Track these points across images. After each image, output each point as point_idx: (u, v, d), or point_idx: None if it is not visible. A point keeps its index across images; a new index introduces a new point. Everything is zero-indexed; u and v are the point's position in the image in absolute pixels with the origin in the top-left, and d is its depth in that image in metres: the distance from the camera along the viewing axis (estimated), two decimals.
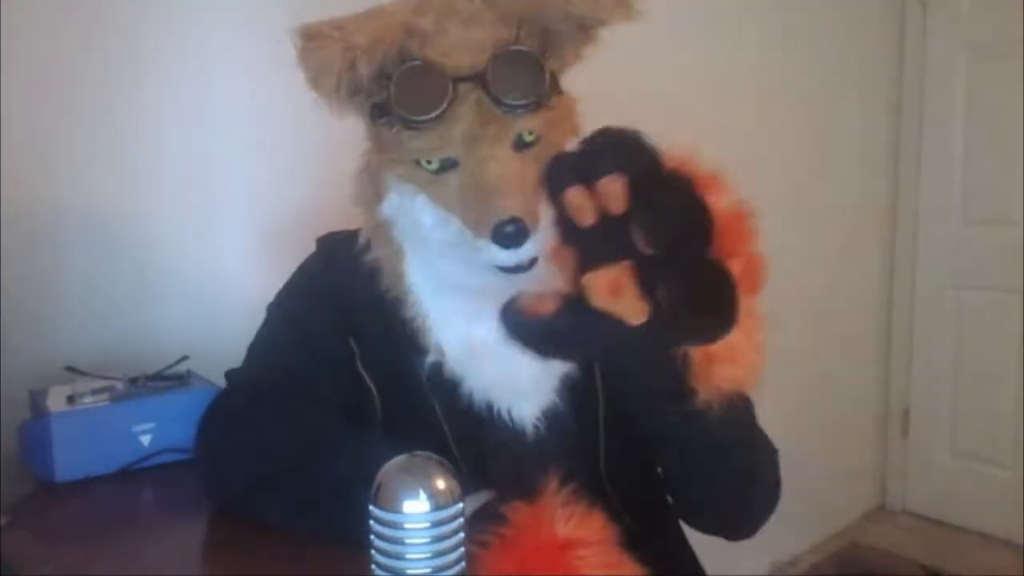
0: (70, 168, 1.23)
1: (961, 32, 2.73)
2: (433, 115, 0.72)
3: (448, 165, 0.76)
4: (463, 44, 0.73)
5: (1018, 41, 2.56)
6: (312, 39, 0.73)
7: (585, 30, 0.77)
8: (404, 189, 0.79)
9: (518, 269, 0.75)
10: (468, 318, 0.83)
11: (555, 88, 0.77)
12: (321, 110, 0.77)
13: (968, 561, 2.64)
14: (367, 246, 0.86)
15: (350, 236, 0.89)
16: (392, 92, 0.73)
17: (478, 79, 0.72)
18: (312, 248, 0.96)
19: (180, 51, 1.32)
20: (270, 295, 0.95)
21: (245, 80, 1.39)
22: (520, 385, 0.84)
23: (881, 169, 2.92)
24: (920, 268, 2.92)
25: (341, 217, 0.92)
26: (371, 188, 0.84)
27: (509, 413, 0.84)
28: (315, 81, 0.73)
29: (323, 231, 0.97)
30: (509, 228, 0.71)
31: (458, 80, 0.72)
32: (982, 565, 2.62)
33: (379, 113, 0.77)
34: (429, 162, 0.76)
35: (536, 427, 0.84)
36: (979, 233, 2.75)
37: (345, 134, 0.92)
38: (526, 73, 0.74)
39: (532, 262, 0.75)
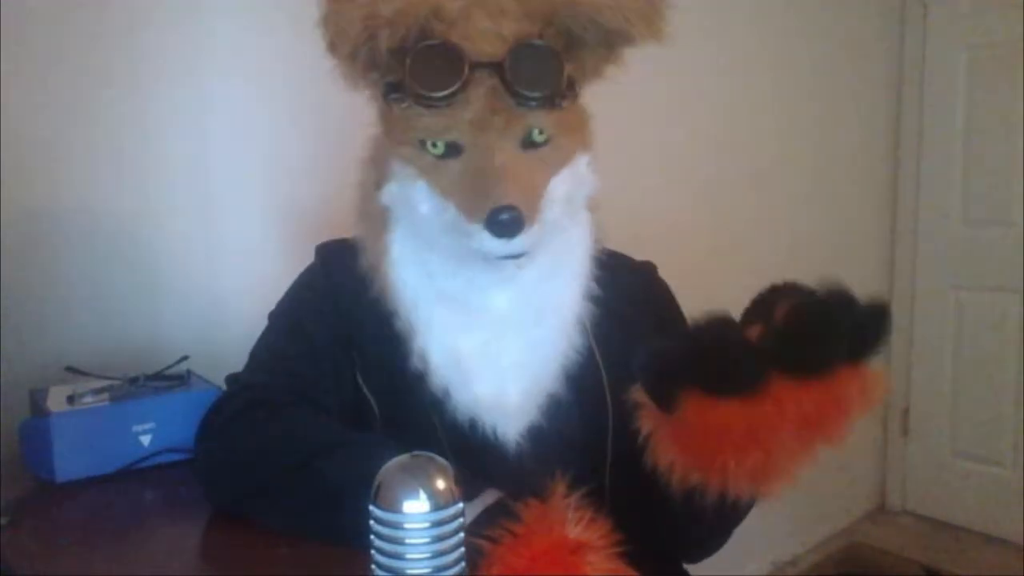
0: (70, 168, 1.23)
1: (961, 32, 2.73)
2: (445, 92, 0.72)
3: (453, 151, 0.75)
4: (486, 32, 0.73)
5: (1018, 41, 2.55)
6: (337, 1, 0.72)
7: (610, 46, 0.77)
8: (405, 175, 0.79)
9: (507, 257, 0.75)
10: (455, 329, 0.82)
11: (571, 91, 0.77)
12: (324, 109, 0.77)
13: (968, 561, 2.64)
14: (362, 246, 0.86)
15: (348, 244, 0.89)
16: (408, 66, 0.72)
17: (495, 67, 0.72)
18: (311, 248, 0.96)
19: (181, 52, 1.31)
20: (270, 295, 0.94)
21: (248, 82, 1.39)
22: (508, 403, 0.83)
23: (881, 169, 2.92)
24: (920, 268, 2.92)
25: (342, 218, 0.92)
26: (374, 174, 0.84)
27: (493, 431, 0.83)
28: (333, 45, 0.72)
29: (324, 231, 0.97)
30: (504, 216, 0.71)
31: (475, 65, 0.72)
32: (982, 565, 2.61)
33: (392, 90, 0.76)
34: (435, 145, 0.75)
35: (519, 445, 0.84)
36: (979, 233, 2.75)
37: (346, 136, 0.92)
38: (544, 67, 0.74)
39: (521, 254, 0.75)
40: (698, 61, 2.14)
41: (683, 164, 2.14)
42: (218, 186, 1.38)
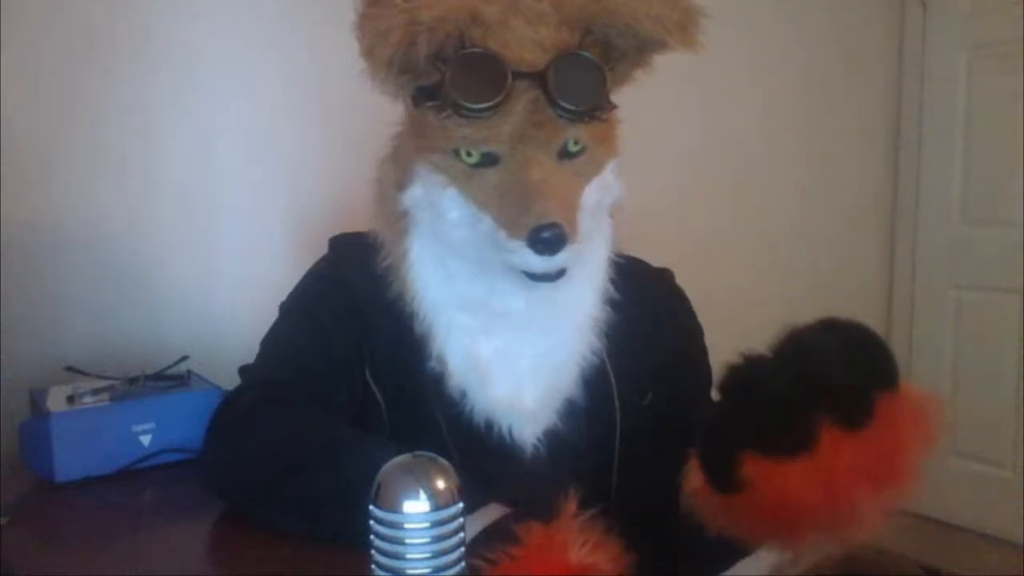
0: (71, 169, 1.23)
1: (961, 32, 2.73)
2: (488, 104, 0.70)
3: (488, 161, 0.74)
4: (526, 41, 0.72)
5: (1018, 41, 2.55)
6: (376, 4, 0.70)
7: (643, 52, 0.76)
8: (432, 180, 0.77)
9: (545, 278, 0.74)
10: (474, 332, 0.82)
11: (609, 102, 0.77)
12: (323, 110, 0.77)
13: (968, 561, 2.64)
14: (379, 245, 0.85)
15: (362, 238, 0.88)
16: (449, 75, 0.71)
17: (537, 78, 0.71)
18: (309, 248, 0.96)
19: (182, 54, 1.32)
20: (270, 295, 0.94)
21: (248, 84, 1.39)
22: (524, 406, 0.82)
23: (881, 169, 2.92)
24: (920, 268, 2.91)
25: (343, 218, 0.92)
26: (395, 175, 0.83)
27: (510, 432, 0.83)
28: (370, 50, 0.71)
29: (324, 231, 0.96)
30: (547, 234, 0.70)
31: (517, 75, 0.71)
32: (982, 565, 2.61)
33: (426, 96, 0.75)
34: (469, 154, 0.74)
35: (536, 448, 0.83)
36: (979, 233, 2.75)
37: (346, 136, 0.92)
38: (588, 79, 0.73)
39: (560, 273, 0.74)
40: (697, 60, 2.14)
41: (681, 164, 2.14)
42: (218, 187, 1.38)
